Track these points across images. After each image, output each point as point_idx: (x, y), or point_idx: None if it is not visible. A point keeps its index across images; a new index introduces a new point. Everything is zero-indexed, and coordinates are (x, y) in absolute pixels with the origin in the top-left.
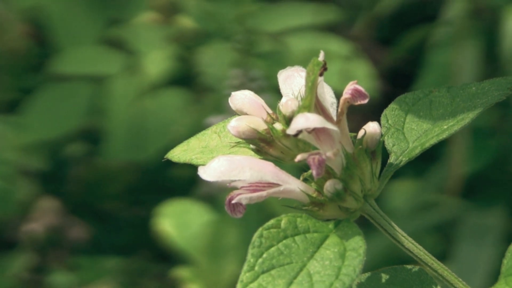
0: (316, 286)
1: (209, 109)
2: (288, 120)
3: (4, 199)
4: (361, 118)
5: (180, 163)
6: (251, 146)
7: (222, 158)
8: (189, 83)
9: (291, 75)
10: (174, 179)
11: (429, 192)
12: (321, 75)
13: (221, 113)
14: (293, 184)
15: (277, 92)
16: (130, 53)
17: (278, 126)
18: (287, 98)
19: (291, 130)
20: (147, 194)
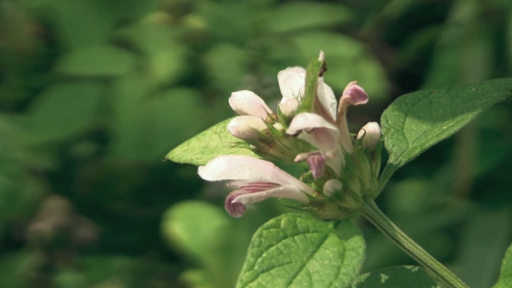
0: (316, 286)
1: (222, 115)
2: (288, 120)
3: (13, 199)
4: (369, 119)
5: (189, 164)
6: (251, 146)
7: (222, 158)
8: (199, 84)
9: (291, 76)
10: (183, 180)
11: (437, 194)
12: (321, 75)
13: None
14: (293, 184)
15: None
16: (139, 54)
17: (278, 126)
18: (287, 99)
19: (291, 130)
20: (156, 195)
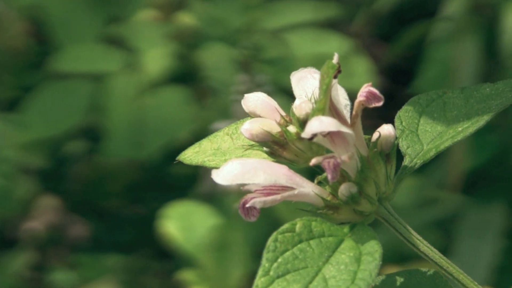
0: None
1: (216, 114)
2: (302, 123)
3: (5, 197)
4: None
5: (182, 162)
6: (264, 149)
7: (236, 162)
8: (190, 81)
9: (304, 77)
10: (175, 177)
11: (430, 188)
12: (335, 78)
13: (228, 118)
14: (308, 188)
15: (285, 96)
16: (130, 51)
17: (292, 129)
18: (301, 101)
19: (306, 134)
20: (148, 192)
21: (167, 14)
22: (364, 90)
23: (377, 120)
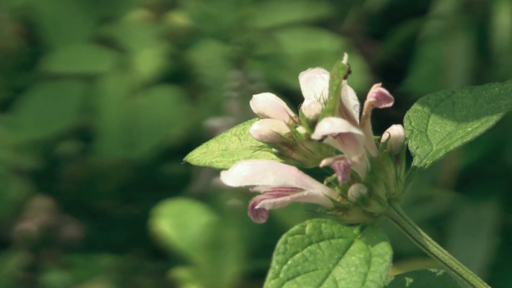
0: None
1: (209, 111)
2: (312, 124)
3: None
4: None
5: (175, 161)
6: (273, 150)
7: (245, 163)
8: (183, 81)
9: (313, 77)
10: (168, 176)
11: (423, 186)
12: (345, 78)
13: (221, 115)
14: (317, 189)
15: (278, 93)
16: (122, 51)
17: (301, 130)
18: (310, 101)
19: (316, 135)
20: (141, 192)
21: (159, 14)
22: (374, 91)
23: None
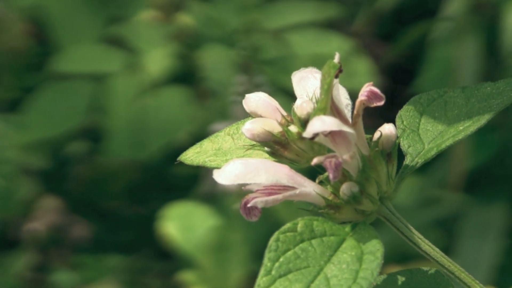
0: None
1: (214, 115)
2: (303, 123)
3: (6, 198)
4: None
5: (182, 161)
6: (266, 149)
7: (237, 162)
8: (190, 82)
9: (305, 77)
10: (176, 177)
11: (432, 188)
12: (337, 77)
13: (227, 119)
14: (309, 187)
15: (284, 96)
16: (131, 51)
17: (293, 129)
18: (302, 100)
19: (308, 134)
20: (149, 192)
21: (168, 15)
22: (366, 90)
23: (378, 120)
